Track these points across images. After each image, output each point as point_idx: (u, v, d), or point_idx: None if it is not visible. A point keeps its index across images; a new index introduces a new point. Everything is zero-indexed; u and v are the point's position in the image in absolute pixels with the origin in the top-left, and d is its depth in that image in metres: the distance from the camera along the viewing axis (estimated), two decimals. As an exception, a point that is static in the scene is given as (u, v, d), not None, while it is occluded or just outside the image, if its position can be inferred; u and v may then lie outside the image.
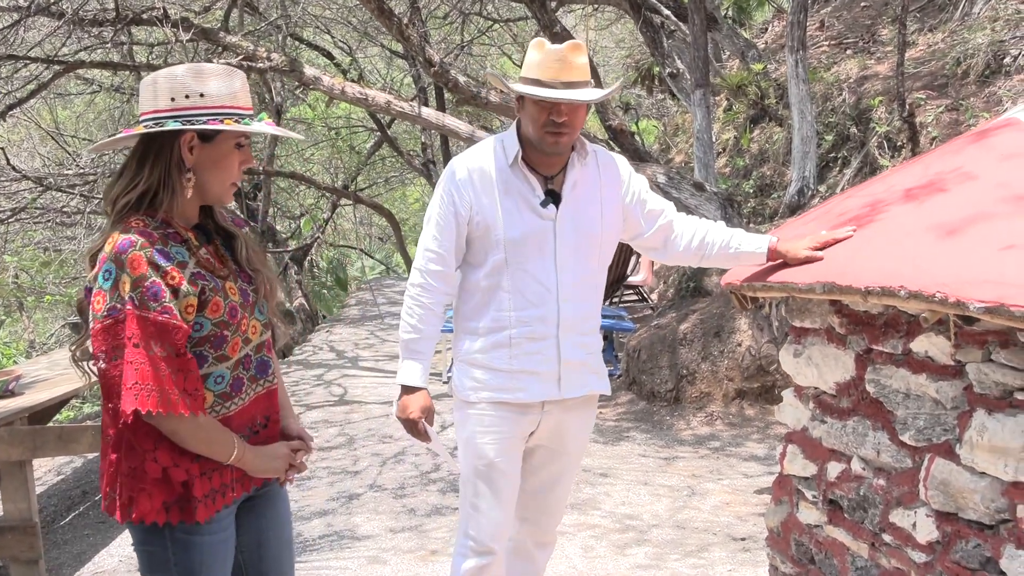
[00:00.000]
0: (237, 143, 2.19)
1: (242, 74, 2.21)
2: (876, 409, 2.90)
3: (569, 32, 8.08)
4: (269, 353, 2.36)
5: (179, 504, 2.12)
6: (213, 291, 2.14)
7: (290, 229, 20.21)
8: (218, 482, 2.19)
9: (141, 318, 2.01)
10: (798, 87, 7.90)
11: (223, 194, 2.23)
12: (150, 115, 2.13)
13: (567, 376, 2.89)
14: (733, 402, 7.08)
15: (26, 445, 4.28)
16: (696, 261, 3.07)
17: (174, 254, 2.09)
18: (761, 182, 9.67)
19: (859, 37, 10.25)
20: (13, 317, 14.81)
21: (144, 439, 2.10)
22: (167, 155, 2.12)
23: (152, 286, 2.02)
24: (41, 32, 8.80)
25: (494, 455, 2.90)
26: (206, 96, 2.11)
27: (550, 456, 3.02)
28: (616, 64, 20.79)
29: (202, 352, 2.15)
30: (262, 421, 2.32)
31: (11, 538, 4.32)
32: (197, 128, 2.10)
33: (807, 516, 3.25)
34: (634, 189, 3.00)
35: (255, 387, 2.29)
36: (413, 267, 2.96)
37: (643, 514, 4.97)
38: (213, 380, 2.18)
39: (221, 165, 2.18)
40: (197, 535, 2.16)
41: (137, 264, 2.02)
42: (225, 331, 2.16)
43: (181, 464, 2.11)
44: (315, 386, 9.07)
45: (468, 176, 2.87)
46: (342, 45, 15.08)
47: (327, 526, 4.97)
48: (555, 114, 2.74)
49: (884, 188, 3.33)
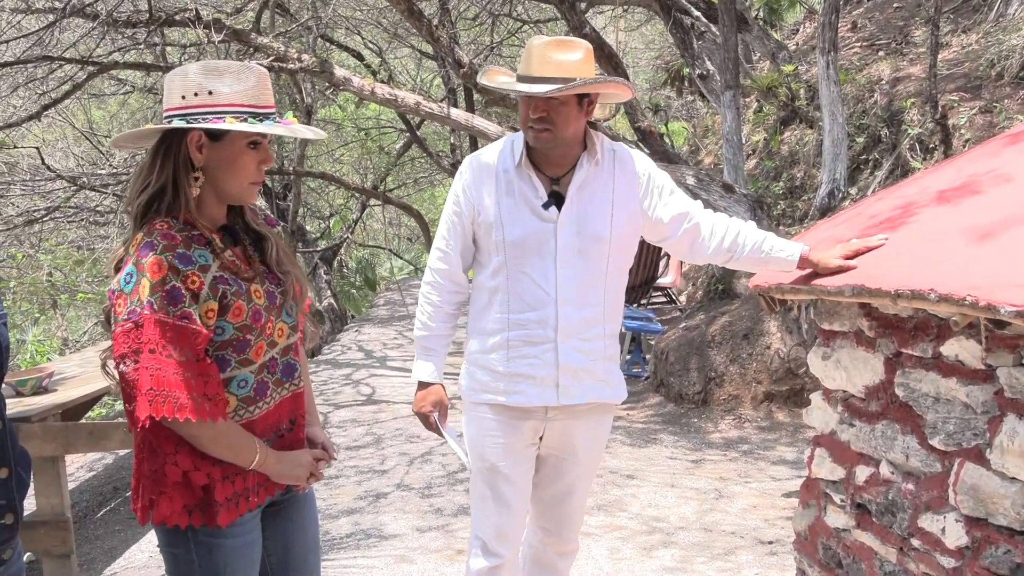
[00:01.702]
0: (251, 142, 2.14)
1: (259, 71, 2.16)
2: (905, 413, 2.88)
3: (599, 33, 8.07)
4: (296, 356, 2.33)
5: (201, 508, 2.12)
6: (236, 295, 2.11)
7: (320, 229, 20.33)
8: (241, 486, 2.18)
9: (160, 322, 1.99)
10: (829, 89, 7.85)
11: (242, 194, 2.19)
12: (166, 113, 2.12)
13: (566, 382, 2.82)
14: (762, 405, 7.04)
15: (58, 441, 4.33)
16: (724, 262, 2.99)
17: (196, 257, 2.07)
18: (791, 184, 9.61)
19: (891, 38, 10.16)
20: (47, 315, 14.97)
21: (165, 442, 2.10)
22: (175, 154, 2.10)
23: (172, 290, 2.01)
24: (76, 33, 8.90)
25: (496, 459, 2.89)
26: (215, 94, 2.07)
27: (561, 465, 2.97)
28: (646, 65, 20.76)
29: (224, 356, 2.13)
30: (287, 425, 2.31)
31: (44, 532, 4.38)
32: (197, 127, 2.07)
33: (835, 520, 3.23)
34: (654, 189, 2.90)
35: (280, 391, 2.27)
36: (427, 266, 2.98)
37: (670, 516, 4.95)
38: (236, 384, 2.16)
39: (234, 164, 2.14)
40: (221, 538, 2.15)
41: (157, 268, 2.00)
42: (248, 335, 2.14)
43: (202, 468, 2.11)
44: (343, 385, 9.12)
45: (473, 176, 2.86)
46: (372, 46, 15.14)
47: (354, 525, 4.99)
48: (532, 111, 2.70)
49: (917, 190, 3.30)
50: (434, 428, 2.94)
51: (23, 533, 4.35)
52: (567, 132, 2.74)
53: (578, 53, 2.72)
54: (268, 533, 2.36)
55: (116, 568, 4.75)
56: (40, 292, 13.66)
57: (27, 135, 13.65)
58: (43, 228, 12.22)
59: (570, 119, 2.72)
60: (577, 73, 2.69)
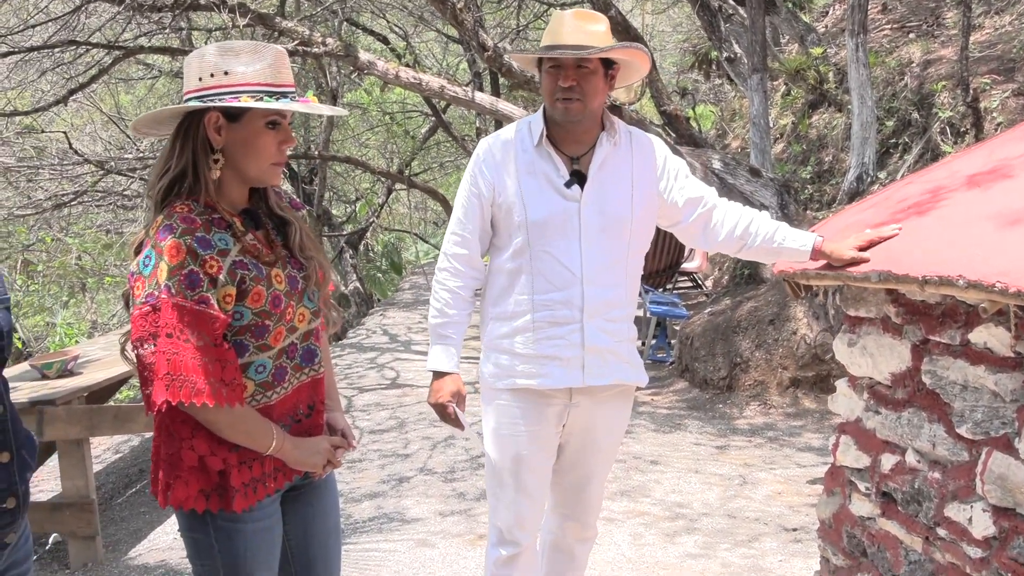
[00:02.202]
0: (270, 122, 2.10)
1: (276, 50, 2.11)
2: (932, 401, 2.83)
3: (624, 16, 8.00)
4: (317, 342, 2.30)
5: (218, 492, 2.11)
6: (255, 280, 2.08)
7: (346, 213, 20.37)
8: (258, 471, 2.16)
9: (177, 306, 1.96)
10: (858, 71, 7.75)
11: (263, 175, 2.16)
12: (185, 96, 2.10)
13: (592, 363, 2.78)
14: (788, 391, 6.99)
15: (83, 424, 4.36)
16: (736, 251, 2.93)
17: (216, 241, 2.04)
18: (819, 168, 9.51)
19: (922, 20, 10.02)
20: (77, 298, 15.10)
21: (181, 427, 2.09)
22: (194, 137, 2.07)
23: (190, 274, 1.98)
24: (102, 18, 8.92)
25: (520, 448, 2.85)
26: (231, 74, 2.04)
27: (582, 452, 2.94)
28: (673, 48, 20.61)
29: (242, 341, 2.11)
30: (305, 410, 2.29)
31: (69, 514, 4.41)
32: (211, 107, 2.03)
33: (860, 508, 3.19)
34: (670, 172, 2.87)
35: (299, 375, 2.25)
36: (441, 251, 2.93)
37: (693, 502, 4.93)
38: (254, 369, 2.14)
39: (253, 145, 2.10)
40: (240, 523, 2.14)
41: (175, 251, 1.97)
42: (267, 320, 2.12)
43: (218, 453, 2.09)
44: (368, 369, 9.14)
45: (491, 157, 2.82)
46: (397, 30, 15.10)
47: (377, 508, 5.00)
48: (562, 79, 2.67)
49: (946, 174, 3.24)
50: (452, 419, 2.86)
51: (49, 515, 4.41)
52: (595, 103, 2.72)
53: (602, 25, 2.71)
54: (288, 518, 2.34)
55: (141, 550, 4.78)
56: (69, 275, 13.78)
57: (55, 120, 13.75)
58: (71, 212, 12.32)
59: (598, 89, 2.71)
60: (603, 42, 2.67)
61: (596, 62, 2.67)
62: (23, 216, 12.30)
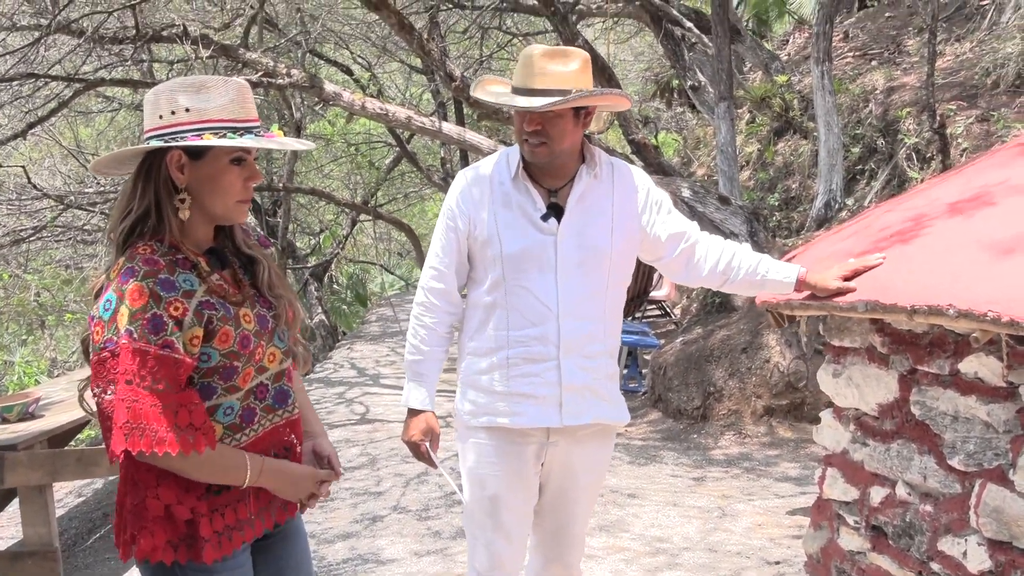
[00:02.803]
0: (234, 158, 2.03)
1: (239, 84, 2.05)
2: (922, 432, 2.79)
3: (591, 45, 8.01)
4: (290, 382, 2.22)
5: (187, 543, 2.00)
6: (222, 320, 2.00)
7: (310, 245, 20.22)
8: (232, 519, 2.06)
9: (140, 351, 1.88)
10: (824, 99, 7.79)
11: (229, 212, 2.08)
12: (146, 134, 2.02)
13: (569, 401, 2.70)
14: (762, 420, 6.94)
15: (46, 469, 4.21)
16: (719, 285, 2.88)
17: (180, 283, 1.97)
18: (786, 195, 9.55)
19: (884, 48, 10.13)
20: (35, 336, 14.83)
21: (146, 475, 1.99)
22: (156, 176, 2.00)
23: (153, 318, 1.90)
24: (63, 51, 8.79)
25: (497, 488, 2.76)
26: (192, 111, 1.97)
27: (562, 492, 2.85)
28: (635, 77, 20.74)
29: (210, 383, 2.02)
30: (281, 453, 2.18)
31: (31, 563, 4.25)
32: (174, 145, 1.96)
33: (849, 542, 3.14)
34: (653, 205, 2.81)
35: (271, 417, 2.15)
36: (418, 286, 2.85)
37: (673, 536, 4.85)
38: (222, 412, 2.05)
39: (218, 183, 2.03)
40: (212, 574, 2.03)
41: (137, 295, 1.90)
42: (235, 362, 2.03)
43: (185, 502, 1.99)
44: (337, 404, 8.99)
45: (468, 190, 2.76)
46: (361, 61, 15.07)
47: (350, 549, 4.87)
48: (526, 123, 2.62)
49: (926, 202, 3.22)
50: (425, 458, 2.80)
51: (9, 564, 4.25)
52: (563, 145, 2.65)
53: (575, 63, 2.63)
54: (260, 569, 2.23)
55: (106, 598, 4.63)
56: (28, 312, 13.52)
57: (13, 153, 13.52)
58: (30, 248, 12.10)
59: (566, 132, 2.64)
60: (574, 84, 2.60)
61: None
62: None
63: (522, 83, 2.63)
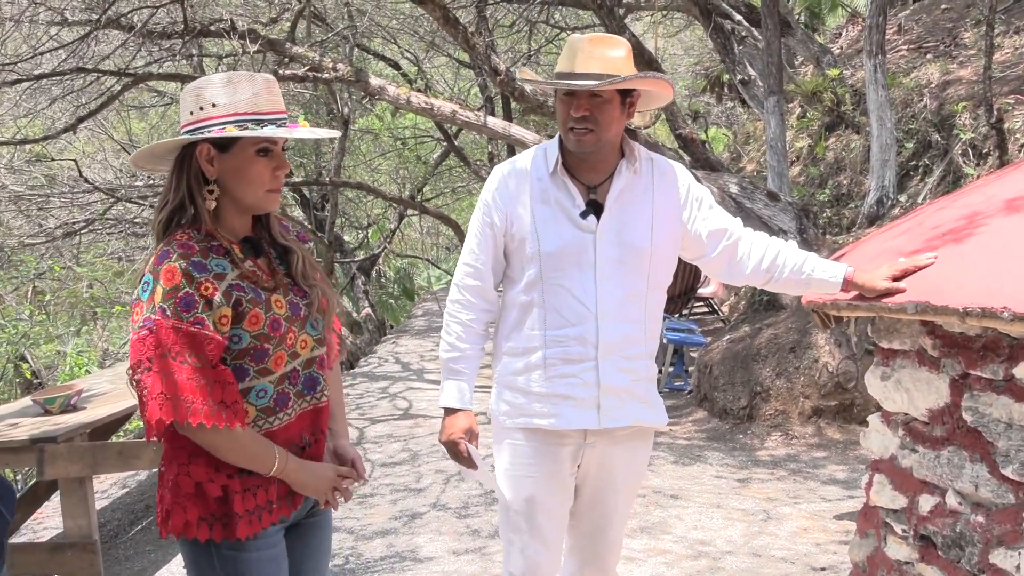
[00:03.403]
0: (260, 149, 2.12)
1: (264, 78, 2.15)
2: (974, 439, 2.68)
3: (638, 39, 7.90)
4: (320, 370, 2.28)
5: (222, 521, 2.08)
6: (252, 303, 2.09)
7: (358, 239, 20.28)
8: (263, 499, 2.14)
9: (173, 328, 1.98)
10: (877, 93, 7.62)
11: (259, 202, 2.17)
12: (181, 130, 2.13)
13: (608, 403, 2.64)
14: (810, 421, 6.80)
15: (86, 462, 4.22)
16: (763, 284, 2.79)
17: (212, 266, 2.06)
18: (837, 191, 9.36)
19: (940, 41, 9.89)
20: (88, 327, 15.04)
21: (180, 452, 2.09)
22: (188, 169, 2.11)
23: (185, 297, 2.00)
24: (113, 45, 8.87)
25: (533, 490, 2.70)
26: (218, 106, 2.08)
27: (600, 495, 2.78)
28: (685, 72, 20.54)
29: (242, 365, 2.11)
30: (309, 439, 2.25)
31: (71, 555, 4.27)
32: (199, 138, 2.06)
33: (896, 552, 3.03)
34: (694, 202, 2.74)
35: (301, 403, 2.22)
36: (452, 282, 2.80)
37: (716, 539, 4.75)
38: (255, 394, 2.13)
39: (246, 174, 2.12)
40: (245, 552, 2.11)
41: (171, 275, 2.00)
42: (266, 344, 2.11)
43: (217, 479, 2.07)
44: (380, 399, 8.98)
45: (505, 185, 2.70)
46: (409, 56, 15.06)
47: (388, 547, 4.84)
48: (574, 109, 2.55)
49: (982, 199, 3.10)
50: (464, 458, 2.72)
51: (49, 556, 4.27)
52: (609, 134, 2.59)
53: (621, 50, 2.59)
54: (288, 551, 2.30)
55: (145, 591, 4.64)
56: (80, 304, 13.72)
57: (67, 148, 13.73)
58: (82, 240, 12.29)
59: (613, 119, 2.58)
60: (622, 70, 2.55)
61: (611, 91, 2.55)
62: (34, 245, 12.26)
63: (570, 68, 2.57)
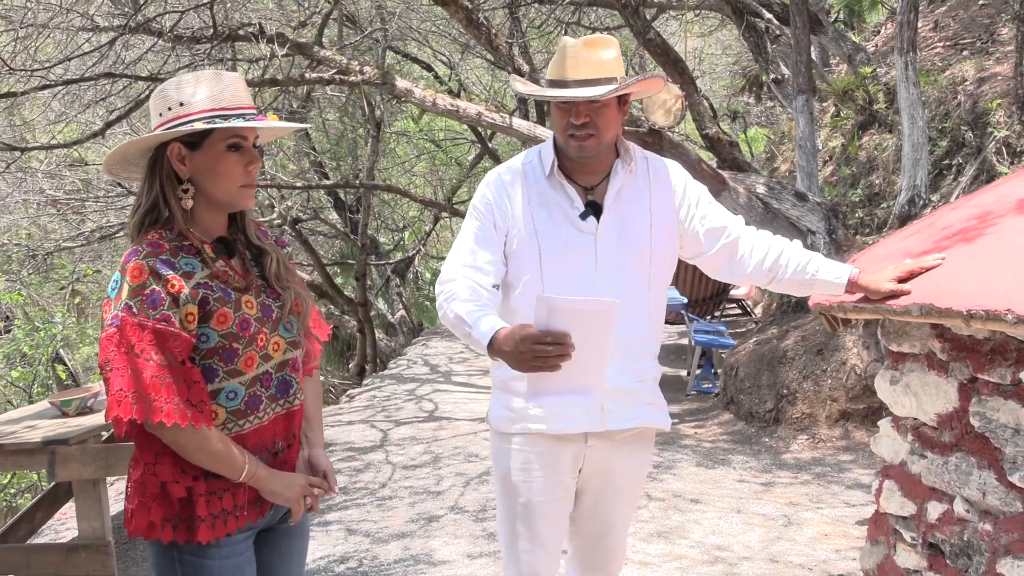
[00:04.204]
0: (231, 145, 2.11)
1: (230, 75, 2.15)
2: (982, 445, 2.60)
3: (663, 38, 7.81)
4: (294, 373, 2.26)
5: (186, 523, 2.06)
6: (219, 301, 2.08)
7: (394, 241, 20.34)
8: (230, 503, 2.11)
9: (139, 325, 1.97)
10: (908, 90, 7.47)
11: (233, 198, 2.15)
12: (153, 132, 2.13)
13: (612, 405, 2.59)
14: (837, 424, 6.69)
15: (99, 463, 4.23)
16: (766, 284, 2.73)
17: (181, 264, 2.05)
18: (870, 191, 9.21)
19: (976, 37, 9.70)
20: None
21: (147, 451, 2.07)
22: (160, 170, 2.10)
23: (152, 294, 1.99)
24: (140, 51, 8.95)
25: (533, 495, 2.66)
26: (185, 104, 2.08)
27: (601, 498, 2.74)
28: (723, 71, 20.37)
29: (211, 365, 2.09)
30: (282, 444, 2.24)
31: (85, 556, 4.29)
32: (165, 136, 2.06)
33: (905, 560, 2.95)
34: (690, 199, 2.69)
35: (274, 406, 2.21)
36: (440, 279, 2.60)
37: (734, 545, 4.68)
38: (225, 395, 2.11)
39: (218, 170, 2.11)
40: (207, 559, 2.09)
41: (138, 272, 1.99)
42: (235, 344, 2.10)
43: (183, 481, 2.06)
44: (406, 401, 8.98)
45: (502, 189, 2.66)
46: (443, 58, 15.07)
47: (404, 550, 4.82)
48: (573, 116, 2.51)
49: (995, 198, 3.02)
50: (550, 334, 2.12)
51: (64, 557, 4.30)
52: (609, 136, 2.57)
53: (612, 50, 2.55)
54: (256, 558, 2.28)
55: (161, 592, 4.65)
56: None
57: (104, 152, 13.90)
58: (117, 244, 12.42)
59: (611, 122, 2.56)
60: (615, 72, 2.53)
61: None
62: (71, 248, 12.43)
63: (563, 75, 2.53)
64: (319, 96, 13.57)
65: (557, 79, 2.55)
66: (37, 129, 11.52)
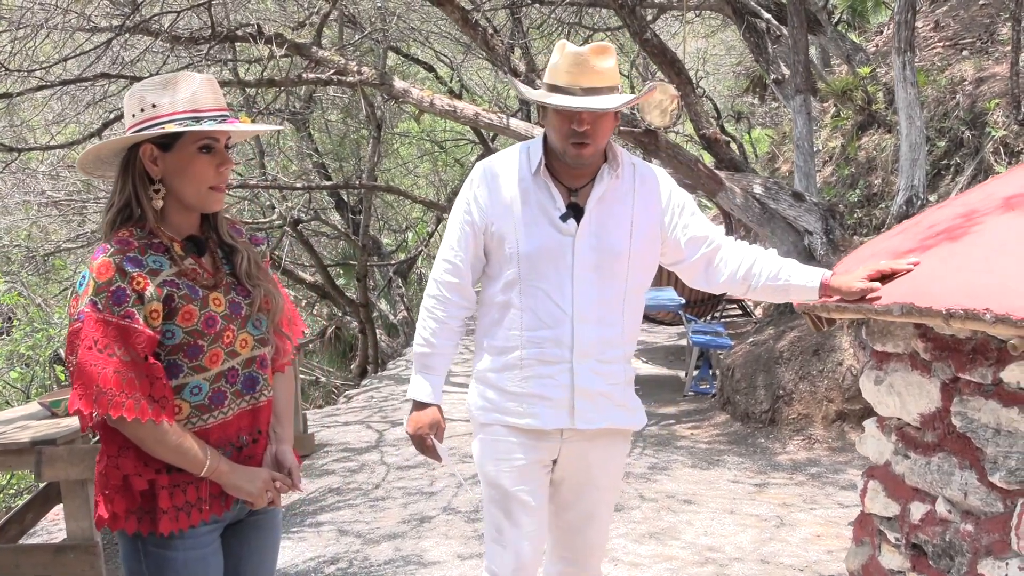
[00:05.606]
0: (202, 147, 2.14)
1: (202, 77, 2.17)
2: (963, 445, 2.59)
3: (660, 39, 7.79)
4: (261, 369, 2.29)
5: (150, 515, 2.09)
6: (185, 299, 2.11)
7: (396, 242, 20.34)
8: (193, 496, 2.14)
9: (103, 321, 2.00)
10: (906, 90, 7.44)
11: (202, 200, 2.18)
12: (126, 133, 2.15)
13: (582, 406, 2.64)
14: (834, 424, 6.67)
15: (87, 464, 4.22)
16: (742, 292, 2.79)
17: (148, 262, 2.08)
18: (868, 192, 9.18)
19: (976, 37, 9.66)
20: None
21: (111, 444, 2.11)
22: (132, 170, 2.13)
23: (117, 291, 2.02)
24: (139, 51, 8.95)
25: (510, 484, 2.69)
26: (158, 106, 2.11)
27: (579, 490, 2.77)
28: (727, 72, 20.35)
29: (176, 361, 2.12)
30: (247, 438, 2.26)
31: (73, 557, 4.28)
32: (138, 138, 2.09)
33: (889, 560, 2.94)
34: (675, 208, 2.73)
35: (240, 402, 2.23)
36: (431, 277, 2.79)
37: (726, 546, 4.66)
38: (189, 391, 2.14)
39: (189, 171, 2.14)
40: (171, 551, 2.11)
41: (104, 270, 2.02)
42: (200, 340, 2.13)
43: (145, 474, 2.09)
44: (403, 402, 8.97)
45: (486, 183, 2.69)
46: (444, 58, 15.06)
47: (395, 550, 4.81)
48: (576, 123, 2.53)
49: (981, 196, 3.00)
50: (431, 451, 2.77)
51: (52, 558, 4.29)
52: (603, 143, 2.61)
53: (612, 58, 2.59)
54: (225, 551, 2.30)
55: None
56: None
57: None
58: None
59: (609, 129, 2.61)
60: (617, 79, 2.59)
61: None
62: (73, 249, 12.44)
63: (571, 82, 2.54)
64: (321, 97, 13.58)
65: (564, 86, 2.55)
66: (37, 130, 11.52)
